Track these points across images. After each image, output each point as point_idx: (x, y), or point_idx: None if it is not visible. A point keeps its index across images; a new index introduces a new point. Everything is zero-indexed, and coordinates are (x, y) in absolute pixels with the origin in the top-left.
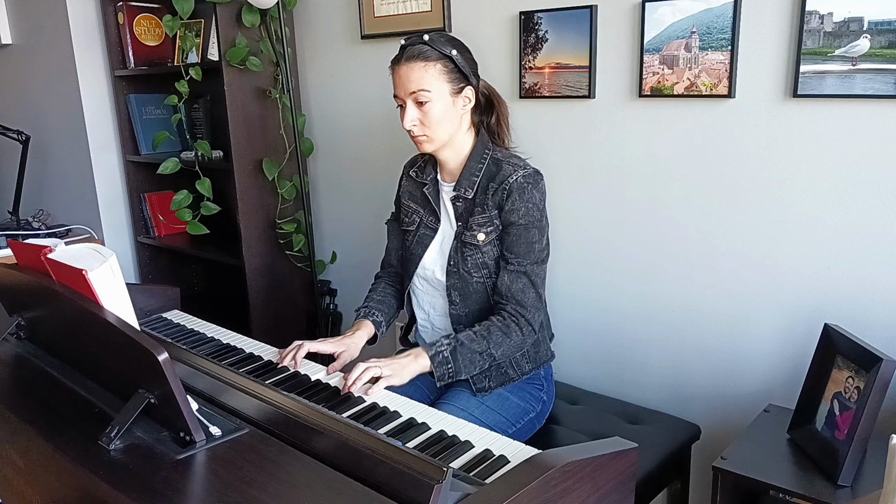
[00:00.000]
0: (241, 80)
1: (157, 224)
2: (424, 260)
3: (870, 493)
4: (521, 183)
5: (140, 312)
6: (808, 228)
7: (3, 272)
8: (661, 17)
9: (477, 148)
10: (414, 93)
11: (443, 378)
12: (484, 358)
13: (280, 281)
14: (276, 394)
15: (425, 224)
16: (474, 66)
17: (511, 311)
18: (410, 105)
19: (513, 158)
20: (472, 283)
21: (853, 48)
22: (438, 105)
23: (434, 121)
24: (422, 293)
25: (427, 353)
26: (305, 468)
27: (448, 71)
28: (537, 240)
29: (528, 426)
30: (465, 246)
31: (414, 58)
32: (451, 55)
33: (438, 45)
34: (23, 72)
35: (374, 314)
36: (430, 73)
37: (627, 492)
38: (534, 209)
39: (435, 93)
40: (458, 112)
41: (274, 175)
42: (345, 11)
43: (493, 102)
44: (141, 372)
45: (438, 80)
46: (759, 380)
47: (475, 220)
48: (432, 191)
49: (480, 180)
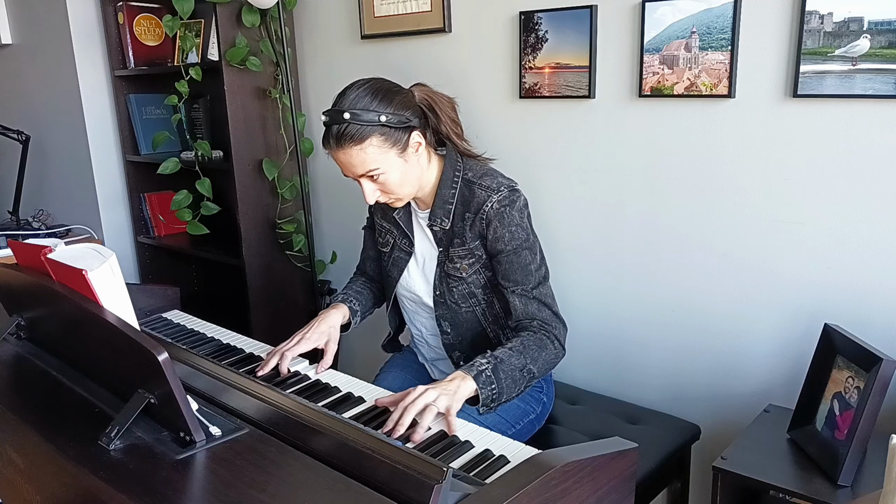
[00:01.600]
0: (241, 80)
1: (157, 224)
2: (404, 283)
3: (870, 493)
4: (497, 209)
5: (140, 312)
6: (808, 228)
7: (3, 272)
8: (661, 17)
9: (446, 172)
10: (363, 174)
11: (487, 402)
12: (524, 375)
13: (280, 281)
14: (276, 394)
15: (399, 247)
16: (406, 100)
17: (538, 327)
18: (366, 182)
19: (484, 178)
20: (462, 314)
21: (853, 48)
22: (393, 174)
23: (396, 186)
24: (413, 313)
25: (469, 374)
26: (305, 468)
27: (386, 138)
28: (530, 260)
29: (528, 427)
30: (450, 277)
31: (346, 142)
32: (380, 122)
33: (363, 117)
34: (23, 72)
35: (351, 301)
36: (370, 151)
37: (627, 492)
38: (518, 230)
39: (384, 165)
40: (416, 160)
41: (274, 175)
42: (345, 11)
43: (433, 107)
44: (141, 372)
45: (381, 153)
46: (759, 380)
47: (456, 251)
48: (403, 216)
49: (455, 207)
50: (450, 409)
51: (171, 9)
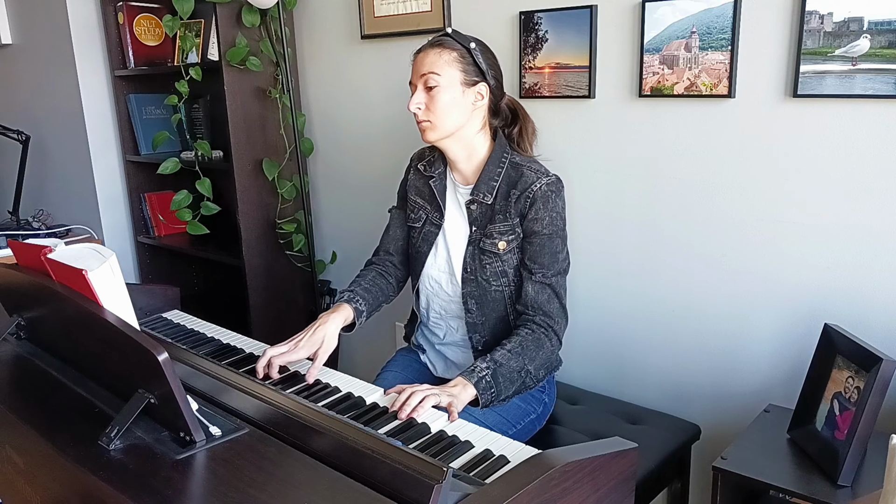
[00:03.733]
0: (241, 80)
1: (157, 224)
2: (432, 260)
3: (870, 493)
4: (545, 191)
5: (140, 312)
6: (808, 228)
7: (3, 272)
8: (661, 17)
9: (495, 152)
10: (424, 75)
11: (487, 403)
12: (521, 375)
13: (280, 281)
14: (276, 394)
15: (430, 221)
16: (496, 70)
17: (540, 323)
18: (419, 88)
19: (533, 164)
20: (491, 292)
21: (853, 48)
22: (447, 92)
23: (440, 107)
24: (433, 294)
25: (470, 381)
26: (305, 468)
27: (462, 60)
28: (560, 249)
29: (529, 427)
30: (484, 254)
31: (433, 45)
32: (468, 47)
33: (459, 37)
34: (23, 72)
35: (357, 301)
36: (444, 58)
37: (627, 492)
38: (557, 218)
39: (444, 77)
40: (468, 106)
41: (274, 175)
42: (345, 11)
43: (518, 116)
44: (141, 372)
45: (451, 66)
46: (759, 380)
47: (496, 227)
48: (439, 185)
49: (500, 186)
50: (451, 404)
51: (171, 9)
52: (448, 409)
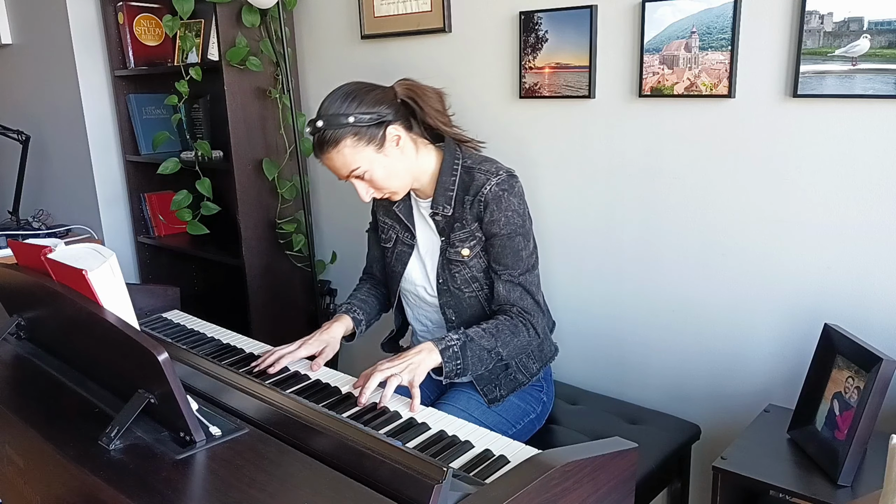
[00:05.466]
0: (241, 80)
1: (157, 224)
2: (408, 276)
3: (870, 493)
4: (495, 192)
5: (140, 312)
6: (809, 228)
7: (3, 272)
8: (661, 17)
9: (446, 161)
10: (349, 175)
11: (450, 374)
12: (492, 357)
13: (280, 281)
14: (276, 394)
15: (402, 241)
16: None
17: (517, 313)
18: (355, 181)
19: (484, 164)
20: (465, 299)
21: (853, 48)
22: (377, 170)
23: (383, 181)
24: (416, 307)
25: (437, 347)
26: (305, 468)
27: (359, 137)
28: (523, 246)
29: (528, 427)
30: (452, 263)
31: (325, 147)
32: (349, 122)
33: (334, 122)
34: (23, 72)
35: (355, 311)
36: (347, 152)
37: (627, 492)
38: (514, 216)
39: (364, 163)
40: (398, 153)
41: (274, 175)
42: (345, 11)
43: (417, 100)
44: (141, 372)
45: (358, 152)
46: (759, 380)
47: (457, 235)
48: (403, 208)
49: (456, 194)
50: (412, 381)
51: (171, 9)
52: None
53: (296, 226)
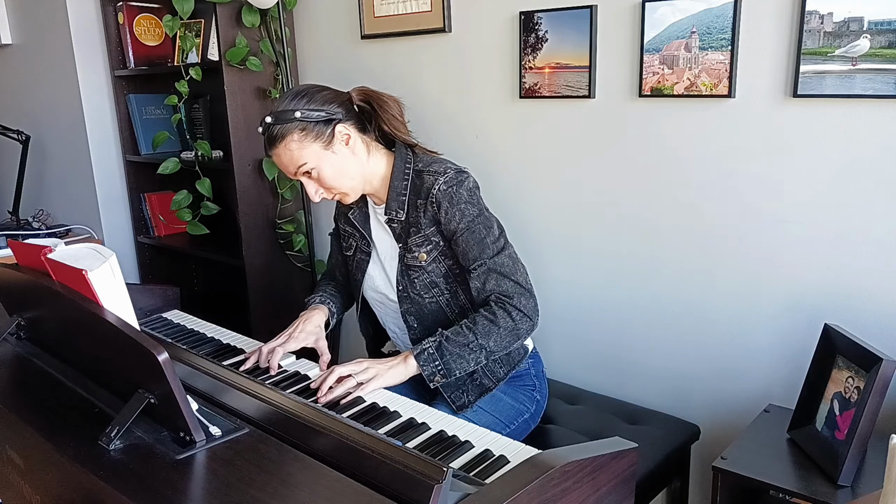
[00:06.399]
0: (241, 80)
1: (157, 224)
2: (370, 284)
3: (870, 493)
4: (445, 191)
5: (140, 312)
6: (808, 228)
7: (3, 272)
8: (661, 17)
9: (397, 165)
10: (296, 172)
11: (433, 377)
12: (474, 350)
13: (280, 281)
14: (276, 394)
15: (360, 248)
16: (332, 101)
17: (494, 300)
18: (305, 181)
19: (433, 165)
20: (426, 305)
21: (853, 48)
22: (325, 168)
23: (332, 180)
24: (384, 314)
25: (412, 353)
26: (305, 468)
27: (306, 133)
28: (485, 234)
29: (523, 426)
30: (410, 269)
31: (273, 142)
32: (296, 118)
33: (282, 118)
34: (23, 72)
35: (328, 303)
36: (293, 147)
37: (627, 492)
38: (468, 207)
39: (311, 159)
40: (347, 153)
41: (274, 175)
42: (345, 11)
43: (373, 105)
44: (141, 372)
45: (304, 147)
46: (759, 380)
47: (413, 240)
48: (359, 216)
49: (409, 198)
50: (374, 379)
51: (171, 9)
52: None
53: (296, 226)
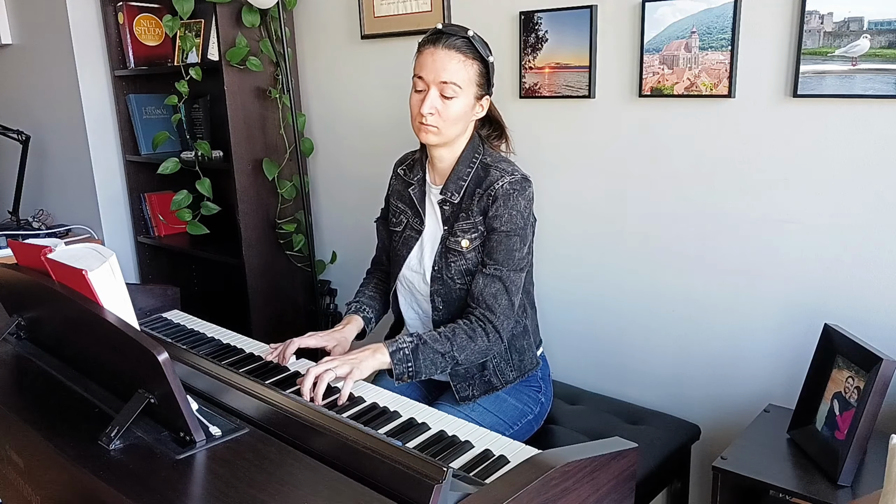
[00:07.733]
0: (241, 80)
1: (157, 224)
2: (409, 262)
3: (870, 493)
4: (506, 189)
5: (140, 312)
6: (808, 228)
7: (3, 272)
8: (661, 17)
9: (466, 152)
10: (444, 83)
11: (401, 377)
12: (446, 360)
13: (280, 281)
14: (276, 394)
15: (411, 226)
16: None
17: (479, 316)
18: (434, 93)
19: (502, 163)
20: (455, 290)
21: (853, 48)
22: (461, 104)
23: (451, 117)
24: (408, 295)
25: (387, 349)
26: (305, 468)
27: (481, 75)
28: (518, 248)
29: (526, 428)
30: (449, 252)
31: (456, 49)
32: (488, 61)
33: (481, 46)
34: (23, 72)
35: (364, 310)
36: (468, 71)
37: (627, 492)
38: (517, 216)
39: (464, 90)
40: (472, 117)
41: (274, 175)
42: (345, 11)
43: (498, 122)
44: (141, 372)
45: (471, 80)
46: (758, 380)
47: (459, 225)
48: (418, 192)
49: (468, 185)
50: (350, 374)
51: (171, 9)
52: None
53: (296, 226)
